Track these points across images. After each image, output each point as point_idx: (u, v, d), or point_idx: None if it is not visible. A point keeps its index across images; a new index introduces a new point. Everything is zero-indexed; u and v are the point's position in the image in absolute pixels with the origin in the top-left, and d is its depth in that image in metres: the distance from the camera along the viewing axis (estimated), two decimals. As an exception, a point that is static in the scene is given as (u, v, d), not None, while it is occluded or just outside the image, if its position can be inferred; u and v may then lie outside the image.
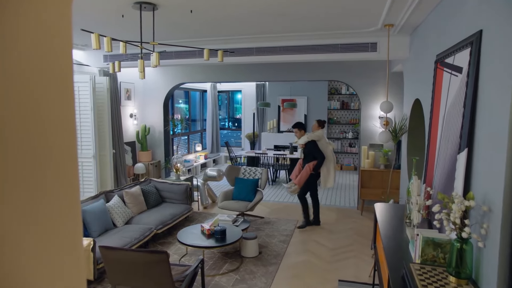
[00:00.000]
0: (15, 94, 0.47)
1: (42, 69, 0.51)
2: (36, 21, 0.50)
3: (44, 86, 0.52)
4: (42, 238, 0.52)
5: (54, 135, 0.53)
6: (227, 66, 7.27)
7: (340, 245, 5.01)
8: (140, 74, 3.07)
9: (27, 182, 0.49)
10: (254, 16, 3.73)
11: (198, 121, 11.99)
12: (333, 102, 10.77)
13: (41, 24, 0.51)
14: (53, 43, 0.53)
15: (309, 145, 5.53)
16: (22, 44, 0.49)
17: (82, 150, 5.71)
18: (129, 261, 2.97)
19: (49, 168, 0.52)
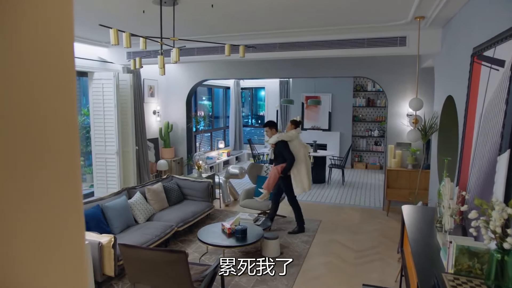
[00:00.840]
0: (14, 91, 0.46)
1: (42, 66, 0.49)
2: (35, 13, 0.48)
3: (43, 80, 0.50)
4: (40, 239, 0.50)
5: (55, 133, 0.51)
6: (250, 62, 7.18)
7: (364, 247, 4.84)
8: (160, 70, 3.02)
9: (23, 179, 0.47)
10: (277, 10, 3.61)
11: (221, 118, 11.99)
12: (359, 99, 10.49)
13: (41, 18, 0.49)
14: (53, 38, 0.51)
15: (279, 145, 5.12)
16: (21, 39, 0.47)
17: (106, 146, 5.77)
18: (147, 260, 2.94)
19: (49, 167, 0.50)
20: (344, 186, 8.28)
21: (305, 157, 5.22)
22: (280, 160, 5.16)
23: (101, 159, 5.83)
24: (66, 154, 0.53)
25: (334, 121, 10.59)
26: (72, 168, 0.54)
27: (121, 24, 3.94)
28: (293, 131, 5.24)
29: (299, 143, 5.25)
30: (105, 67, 5.88)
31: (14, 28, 0.46)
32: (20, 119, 0.46)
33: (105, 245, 3.60)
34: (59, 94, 0.52)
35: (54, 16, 0.51)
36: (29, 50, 0.48)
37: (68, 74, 0.54)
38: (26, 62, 0.47)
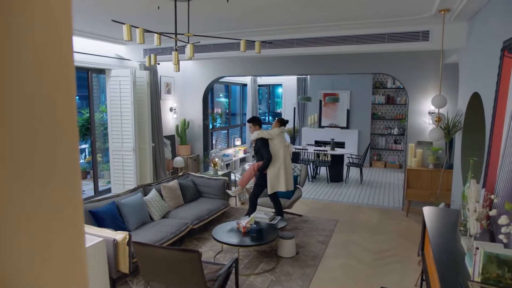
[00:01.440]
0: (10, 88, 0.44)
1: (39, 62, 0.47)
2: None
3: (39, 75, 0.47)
4: (36, 238, 0.48)
5: (51, 129, 0.49)
6: (267, 59, 7.09)
7: (383, 248, 4.70)
8: (174, 66, 2.97)
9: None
10: (295, 4, 3.51)
11: (238, 115, 11.95)
12: (378, 97, 10.25)
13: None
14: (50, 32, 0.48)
15: (259, 142, 4.95)
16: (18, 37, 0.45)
17: (122, 143, 5.81)
18: (161, 258, 2.91)
19: (46, 166, 0.48)
20: (362, 185, 8.11)
21: (284, 157, 4.97)
22: (259, 158, 5.02)
23: (118, 155, 5.87)
24: (64, 150, 0.50)
25: (352, 118, 10.39)
26: (70, 170, 0.51)
27: (136, 21, 3.92)
28: (275, 129, 5.02)
29: (280, 142, 5.01)
30: (122, 64, 5.91)
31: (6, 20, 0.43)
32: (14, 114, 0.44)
33: (120, 242, 3.60)
34: (56, 88, 0.49)
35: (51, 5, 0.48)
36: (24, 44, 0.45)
37: (66, 67, 0.51)
38: (21, 56, 0.45)
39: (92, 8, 3.70)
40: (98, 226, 3.99)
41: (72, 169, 0.51)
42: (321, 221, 5.72)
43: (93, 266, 3.39)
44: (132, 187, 5.56)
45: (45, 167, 0.48)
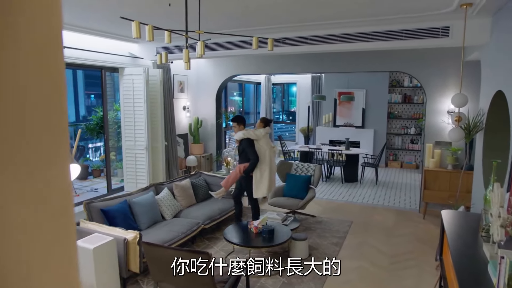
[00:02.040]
0: None
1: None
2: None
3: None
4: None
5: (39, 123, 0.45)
6: (281, 57, 7.00)
7: (399, 252, 4.56)
8: (185, 64, 2.92)
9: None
10: (309, 0, 3.42)
11: (252, 114, 11.89)
12: (394, 95, 10.03)
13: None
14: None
15: (244, 142, 4.73)
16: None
17: (135, 142, 5.81)
18: (170, 259, 2.87)
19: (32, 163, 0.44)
20: (377, 186, 7.94)
21: (270, 159, 4.81)
22: (244, 159, 4.78)
23: (131, 154, 5.88)
24: (50, 127, 0.46)
25: (368, 118, 10.20)
26: (58, 149, 0.47)
27: (148, 19, 3.89)
28: (261, 130, 4.82)
29: (265, 143, 4.82)
30: (135, 63, 5.91)
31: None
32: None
33: (130, 242, 3.58)
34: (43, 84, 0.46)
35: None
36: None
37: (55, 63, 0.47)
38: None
39: (104, 6, 3.69)
40: (110, 225, 3.99)
41: (61, 148, 0.48)
42: (335, 222, 5.60)
43: (104, 265, 3.38)
44: (144, 186, 5.56)
45: (30, 146, 0.44)
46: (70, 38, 4.85)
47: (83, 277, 3.38)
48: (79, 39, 4.97)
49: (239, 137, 4.77)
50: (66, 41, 4.77)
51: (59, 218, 0.48)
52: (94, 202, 4.13)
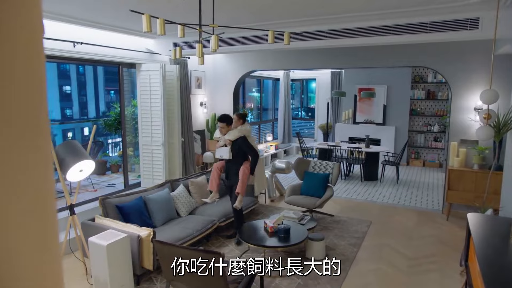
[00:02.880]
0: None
1: None
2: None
3: None
4: None
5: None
6: (299, 52, 6.85)
7: (420, 254, 4.38)
8: (199, 59, 2.85)
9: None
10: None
11: (270, 110, 11.77)
12: (417, 92, 9.70)
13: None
14: None
15: (240, 141, 4.45)
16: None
17: (152, 138, 5.80)
18: (183, 258, 2.81)
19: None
20: (398, 185, 7.71)
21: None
22: (240, 158, 4.51)
23: (148, 150, 5.88)
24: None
25: (389, 114, 9.91)
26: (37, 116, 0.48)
27: (162, 13, 3.83)
28: (247, 125, 4.60)
29: (252, 138, 4.67)
30: (152, 59, 5.89)
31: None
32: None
33: (144, 239, 3.55)
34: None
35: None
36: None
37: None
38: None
39: (120, 1, 3.65)
40: (124, 221, 3.98)
41: (40, 116, 0.48)
42: (353, 222, 5.45)
43: (117, 262, 3.36)
44: (161, 182, 5.55)
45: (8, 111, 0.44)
46: (88, 34, 4.86)
47: (97, 273, 3.38)
48: (96, 35, 4.98)
49: (236, 136, 4.47)
50: (83, 37, 4.78)
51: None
52: (110, 198, 4.13)
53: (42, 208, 0.50)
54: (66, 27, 4.59)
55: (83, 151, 3.43)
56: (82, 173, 3.40)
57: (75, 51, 4.69)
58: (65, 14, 4.34)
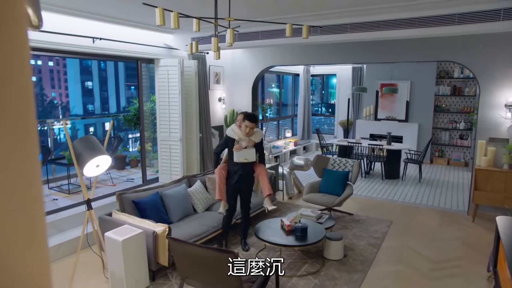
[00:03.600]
0: None
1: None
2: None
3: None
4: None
5: None
6: (319, 47, 6.70)
7: (443, 257, 4.20)
8: (215, 54, 2.78)
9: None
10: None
11: (289, 106, 11.64)
12: (442, 87, 9.35)
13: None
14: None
15: (259, 143, 4.25)
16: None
17: (170, 133, 5.81)
18: (196, 257, 2.77)
19: None
20: (421, 184, 7.46)
21: None
22: (258, 158, 4.28)
23: (166, 145, 5.89)
24: None
25: (412, 111, 9.61)
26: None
27: (177, 6, 3.77)
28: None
29: None
30: (170, 54, 5.88)
31: None
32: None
33: (159, 235, 3.54)
34: None
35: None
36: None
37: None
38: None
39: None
40: (141, 217, 3.98)
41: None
42: (373, 222, 5.30)
43: (132, 257, 3.36)
44: (178, 177, 5.55)
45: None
46: (107, 30, 4.88)
47: (112, 268, 3.39)
48: (115, 31, 4.99)
49: (260, 139, 4.25)
50: (102, 33, 4.80)
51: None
52: (127, 193, 4.14)
53: (30, 207, 0.49)
54: (85, 23, 4.62)
55: (100, 147, 3.43)
56: (98, 168, 3.41)
57: (94, 46, 4.71)
58: (83, 9, 4.37)
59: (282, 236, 3.94)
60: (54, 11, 4.22)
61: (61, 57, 10.73)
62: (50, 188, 5.88)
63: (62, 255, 4.17)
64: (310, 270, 3.89)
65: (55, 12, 4.25)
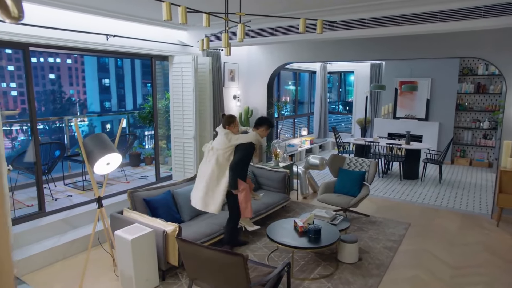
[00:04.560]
0: None
1: None
2: None
3: None
4: None
5: None
6: (335, 43, 6.53)
7: (465, 264, 4.01)
8: (225, 50, 2.70)
9: None
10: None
11: (306, 103, 11.47)
12: (465, 85, 9.01)
13: None
14: None
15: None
16: None
17: (183, 131, 5.77)
18: (204, 258, 2.71)
19: None
20: (441, 185, 7.21)
21: None
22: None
23: (179, 143, 5.86)
24: None
25: (432, 109, 9.30)
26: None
27: (188, 1, 3.70)
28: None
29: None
30: (184, 51, 5.83)
31: None
32: None
33: (169, 234, 3.49)
34: None
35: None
36: None
37: None
38: None
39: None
40: (152, 215, 3.95)
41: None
42: (390, 224, 5.13)
43: (142, 256, 3.33)
44: (192, 175, 5.51)
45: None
46: (120, 27, 4.87)
47: (122, 266, 3.37)
48: (129, 28, 4.97)
49: None
50: (116, 30, 4.79)
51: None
52: (138, 191, 4.11)
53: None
54: (98, 20, 4.61)
55: (111, 144, 3.40)
56: (109, 166, 3.38)
57: (108, 44, 4.70)
58: (97, 6, 4.35)
59: (294, 237, 3.84)
60: (67, 8, 4.22)
61: (79, 55, 10.88)
62: (65, 185, 5.95)
63: (75, 252, 4.19)
64: (323, 273, 3.77)
65: (69, 10, 4.25)
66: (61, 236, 4.26)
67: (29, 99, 4.20)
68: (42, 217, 4.38)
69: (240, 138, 3.97)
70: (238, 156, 3.90)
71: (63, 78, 14.32)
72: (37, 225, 4.18)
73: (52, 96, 11.20)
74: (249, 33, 5.03)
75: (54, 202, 5.02)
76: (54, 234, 4.28)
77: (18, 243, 3.95)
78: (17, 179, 5.41)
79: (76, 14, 4.37)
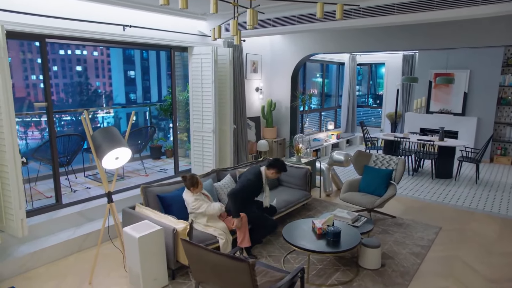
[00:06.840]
0: None
1: None
2: None
3: None
4: None
5: None
6: (365, 32, 6.15)
7: (503, 276, 3.62)
8: (235, 38, 2.48)
9: None
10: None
11: (333, 96, 11.07)
12: (509, 77, 8.31)
13: None
14: None
15: None
16: None
17: (203, 124, 5.62)
18: (210, 262, 2.53)
19: None
20: (477, 185, 6.69)
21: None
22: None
23: (198, 136, 5.72)
24: None
25: (470, 103, 8.67)
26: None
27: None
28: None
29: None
30: (204, 42, 5.66)
31: None
32: None
33: (179, 232, 3.35)
34: None
35: None
36: None
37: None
38: None
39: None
40: (165, 212, 3.84)
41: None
42: (418, 227, 4.77)
43: (150, 255, 3.21)
44: (210, 169, 5.37)
45: None
46: (138, 17, 4.75)
47: (131, 264, 3.27)
48: (147, 18, 4.85)
49: None
50: (133, 20, 4.68)
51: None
52: (152, 186, 4.00)
53: None
54: (115, 10, 4.51)
55: (120, 138, 3.29)
56: (118, 160, 3.27)
57: (125, 34, 4.60)
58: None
59: (312, 239, 3.60)
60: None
61: (105, 47, 10.99)
62: (86, 176, 5.98)
63: (89, 245, 4.15)
64: (342, 279, 3.52)
65: (85, 0, 4.17)
66: (77, 229, 4.24)
67: (45, 91, 4.18)
68: (59, 209, 4.38)
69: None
70: (240, 186, 3.89)
71: (89, 70, 14.65)
72: (54, 217, 4.18)
73: (79, 88, 11.45)
74: (269, 21, 4.77)
75: (73, 194, 5.03)
76: (70, 227, 4.27)
77: (34, 234, 3.95)
78: (39, 169, 5.47)
79: (92, 4, 4.28)
